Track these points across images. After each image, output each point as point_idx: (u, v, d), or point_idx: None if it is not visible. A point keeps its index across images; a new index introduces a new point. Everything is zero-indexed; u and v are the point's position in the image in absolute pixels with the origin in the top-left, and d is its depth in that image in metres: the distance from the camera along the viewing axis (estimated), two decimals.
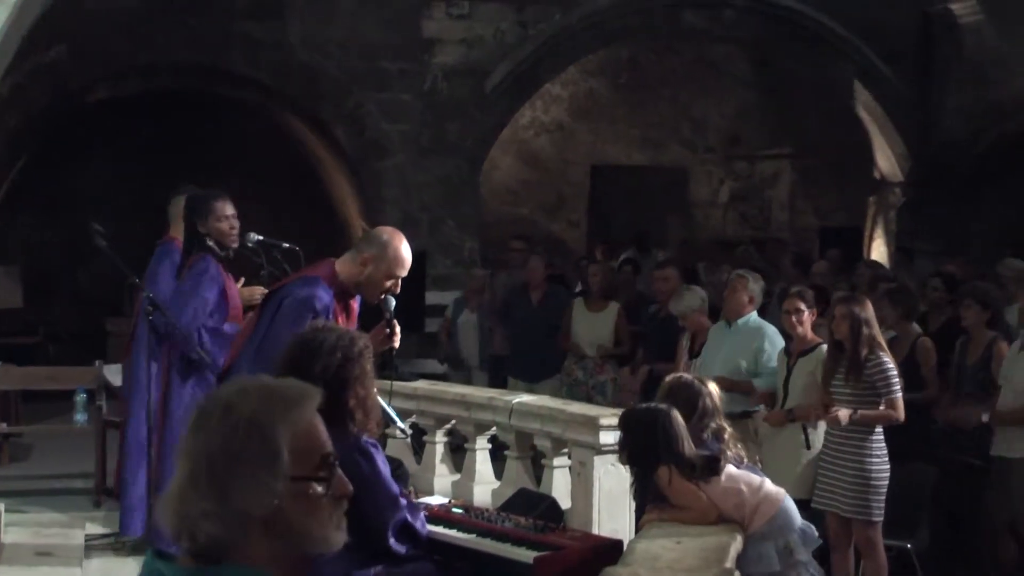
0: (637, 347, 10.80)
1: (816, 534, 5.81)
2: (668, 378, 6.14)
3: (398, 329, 5.66)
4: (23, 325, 14.87)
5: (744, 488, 5.57)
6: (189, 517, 2.14)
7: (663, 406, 5.63)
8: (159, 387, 7.30)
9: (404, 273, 5.61)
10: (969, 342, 8.54)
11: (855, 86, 15.44)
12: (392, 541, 4.71)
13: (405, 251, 5.60)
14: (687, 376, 6.13)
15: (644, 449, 5.54)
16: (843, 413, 7.18)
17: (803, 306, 7.90)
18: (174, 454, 6.89)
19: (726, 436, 5.81)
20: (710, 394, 5.88)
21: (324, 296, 5.45)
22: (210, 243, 7.26)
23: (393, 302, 5.67)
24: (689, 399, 5.79)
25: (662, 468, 5.47)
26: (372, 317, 5.79)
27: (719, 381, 7.75)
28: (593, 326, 10.74)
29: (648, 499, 5.67)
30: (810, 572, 5.68)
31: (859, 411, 7.18)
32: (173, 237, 7.86)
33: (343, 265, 5.64)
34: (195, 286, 7.17)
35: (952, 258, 12.59)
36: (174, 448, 6.81)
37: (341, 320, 5.52)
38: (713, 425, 5.79)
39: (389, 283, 5.58)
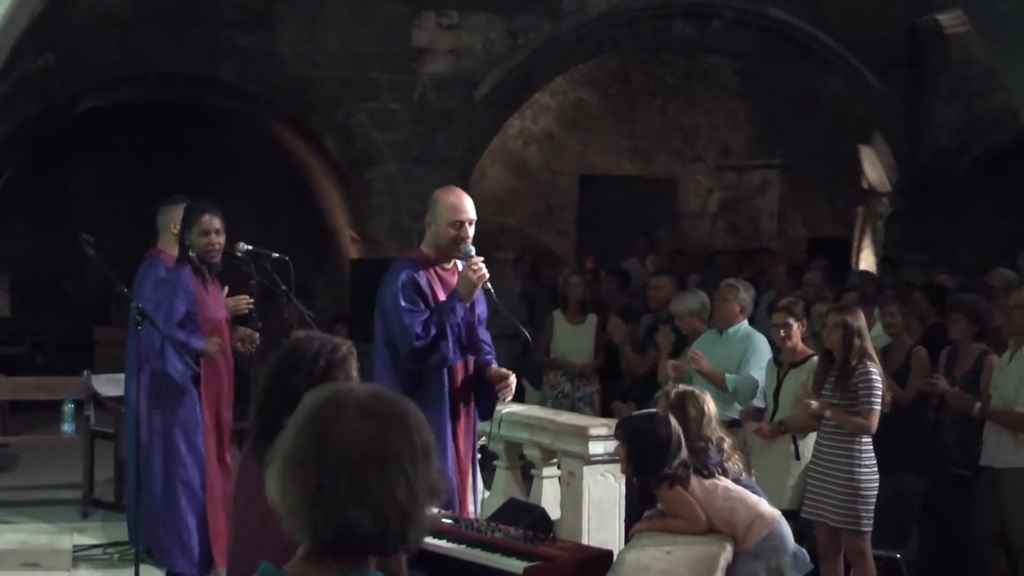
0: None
1: (808, 559, 5.79)
2: (670, 389, 6.12)
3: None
4: (11, 335, 14.85)
5: (739, 506, 5.56)
6: None
7: (661, 414, 5.61)
8: (144, 398, 7.27)
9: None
10: (957, 353, 8.55)
11: (842, 97, 15.47)
12: None
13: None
14: (688, 388, 6.11)
15: (647, 458, 5.52)
16: (815, 404, 7.23)
17: (792, 320, 7.90)
18: (148, 465, 7.01)
19: (726, 446, 5.81)
20: (709, 404, 5.89)
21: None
22: (192, 255, 7.22)
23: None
24: (691, 409, 5.77)
25: (662, 485, 5.47)
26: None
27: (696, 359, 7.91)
28: (575, 338, 10.72)
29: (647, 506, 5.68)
30: None
31: (832, 410, 7.21)
32: (160, 250, 7.78)
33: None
34: (168, 296, 7.14)
35: (940, 268, 12.61)
36: (148, 459, 6.88)
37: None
38: (715, 436, 5.79)
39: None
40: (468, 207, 5.97)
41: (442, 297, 5.95)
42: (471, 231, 5.98)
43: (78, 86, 13.46)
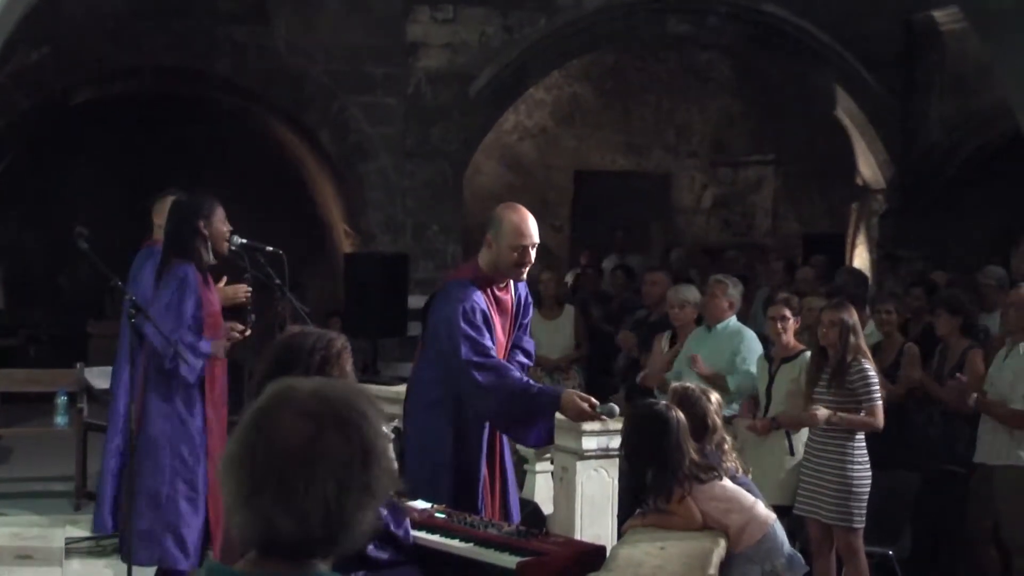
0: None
1: (803, 562, 5.79)
2: (676, 386, 6.10)
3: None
4: (4, 327, 14.84)
5: (734, 507, 5.54)
6: None
7: (672, 412, 5.58)
8: (138, 391, 7.24)
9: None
10: (947, 350, 8.57)
11: (837, 93, 15.48)
12: (371, 547, 4.67)
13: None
14: (694, 387, 6.08)
15: (649, 452, 5.50)
16: (822, 412, 7.22)
17: (788, 313, 7.92)
18: (146, 459, 6.99)
19: (727, 447, 5.80)
20: (718, 406, 5.87)
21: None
22: (200, 246, 7.13)
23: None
24: (697, 412, 5.75)
25: (660, 497, 5.48)
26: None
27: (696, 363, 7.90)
28: (552, 333, 10.73)
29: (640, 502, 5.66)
30: None
31: (838, 413, 7.21)
32: (157, 240, 7.80)
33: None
34: (179, 298, 7.05)
35: (935, 266, 12.62)
36: (147, 453, 6.86)
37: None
38: (716, 437, 5.78)
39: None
40: (532, 230, 5.78)
41: (496, 319, 5.85)
42: (533, 255, 5.82)
43: (72, 79, 13.43)
